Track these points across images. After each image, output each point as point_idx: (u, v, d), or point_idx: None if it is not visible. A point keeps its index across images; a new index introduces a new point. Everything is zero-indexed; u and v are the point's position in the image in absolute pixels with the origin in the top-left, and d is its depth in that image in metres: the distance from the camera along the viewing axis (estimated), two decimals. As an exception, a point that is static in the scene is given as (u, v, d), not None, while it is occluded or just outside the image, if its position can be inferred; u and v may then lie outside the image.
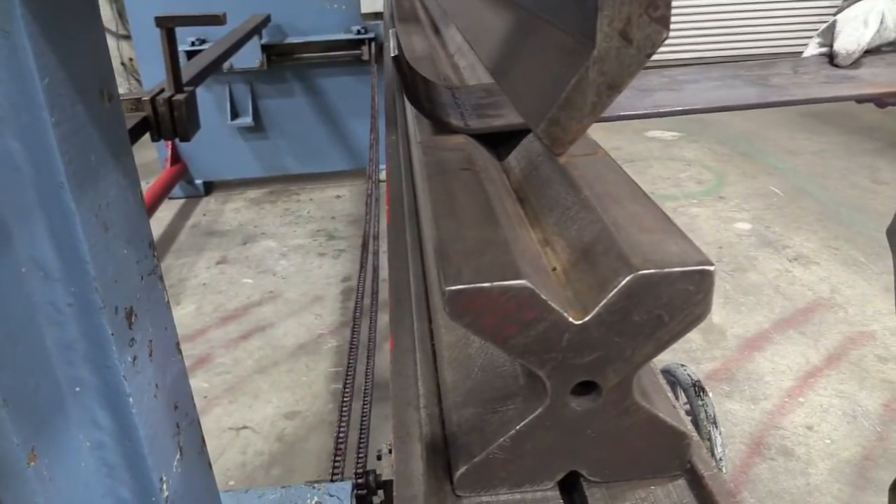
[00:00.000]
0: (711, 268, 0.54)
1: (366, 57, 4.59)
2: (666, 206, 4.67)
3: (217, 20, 2.26)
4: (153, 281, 0.60)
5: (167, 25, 2.23)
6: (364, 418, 1.65)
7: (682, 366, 1.47)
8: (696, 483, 0.62)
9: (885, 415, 2.80)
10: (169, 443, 0.61)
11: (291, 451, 2.83)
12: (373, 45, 4.55)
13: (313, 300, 3.85)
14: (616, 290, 0.54)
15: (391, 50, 0.88)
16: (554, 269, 0.63)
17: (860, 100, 1.17)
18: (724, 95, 1.08)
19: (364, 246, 2.63)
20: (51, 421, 0.50)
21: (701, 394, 1.35)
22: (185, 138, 2.38)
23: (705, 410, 1.32)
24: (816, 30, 1.27)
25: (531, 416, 0.59)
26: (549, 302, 0.54)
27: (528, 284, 0.53)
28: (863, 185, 4.80)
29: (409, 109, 1.14)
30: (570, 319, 0.54)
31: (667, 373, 1.52)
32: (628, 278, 0.53)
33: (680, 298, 0.54)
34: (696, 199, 4.75)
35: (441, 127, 0.89)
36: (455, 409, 0.67)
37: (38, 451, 0.48)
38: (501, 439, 0.59)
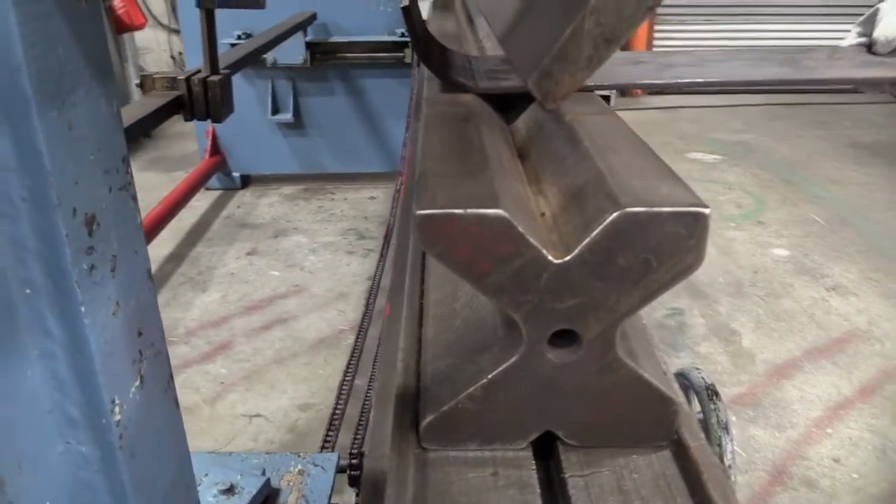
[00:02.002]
0: (706, 210, 0.50)
1: (408, 60, 4.60)
2: (702, 227, 4.59)
3: (257, 4, 2.28)
4: (124, 197, 0.58)
5: (208, 6, 2.25)
6: (367, 402, 1.62)
7: (697, 369, 1.42)
8: (682, 454, 0.57)
9: (918, 453, 2.67)
10: (127, 367, 0.59)
11: (302, 443, 2.80)
12: (416, 48, 4.56)
13: (338, 296, 3.84)
14: (601, 227, 0.50)
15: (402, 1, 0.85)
16: (543, 214, 0.59)
17: (893, 84, 1.11)
18: (750, 72, 1.03)
19: (387, 237, 2.61)
20: (-6, 317, 0.48)
21: (714, 398, 1.29)
22: (217, 119, 2.39)
23: (717, 415, 1.26)
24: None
25: (505, 365, 0.55)
26: (527, 236, 0.50)
27: (505, 214, 0.49)
28: (909, 220, 4.63)
29: (427, 79, 1.11)
30: (550, 258, 0.51)
31: (680, 376, 1.46)
32: (614, 215, 0.49)
33: (670, 242, 0.50)
34: (735, 223, 4.64)
35: (450, 86, 0.86)
36: (431, 362, 0.64)
37: (-25, 344, 0.46)
38: (472, 388, 0.56)
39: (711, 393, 1.31)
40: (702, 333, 3.48)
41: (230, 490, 0.87)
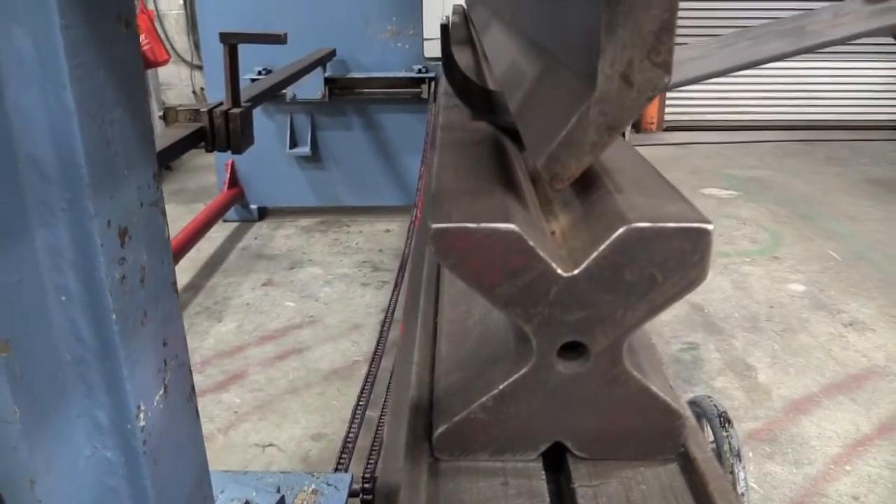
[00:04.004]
0: (709, 226, 0.52)
1: (425, 95, 4.68)
2: (717, 262, 4.57)
3: (278, 39, 2.35)
4: (154, 212, 0.61)
5: (230, 42, 2.33)
6: (379, 430, 1.63)
7: (709, 397, 1.41)
8: (689, 467, 0.58)
9: (939, 492, 2.62)
10: (153, 375, 0.61)
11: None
12: (433, 83, 4.64)
13: (352, 328, 3.86)
14: (608, 242, 0.52)
15: (442, 19, 0.89)
16: (553, 232, 0.61)
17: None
18: (755, 52, 1.04)
19: (401, 268, 2.64)
20: (30, 320, 0.51)
21: (726, 425, 1.29)
22: (238, 151, 2.45)
23: (729, 442, 1.26)
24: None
25: (515, 376, 0.56)
26: (537, 250, 0.52)
27: (516, 229, 0.52)
28: (928, 257, 4.60)
29: (444, 108, 1.15)
30: (559, 271, 0.53)
31: (693, 404, 1.46)
32: (621, 230, 0.52)
33: (675, 258, 0.52)
34: (750, 258, 4.63)
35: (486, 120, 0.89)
36: (444, 376, 0.65)
37: (14, 346, 0.49)
38: (484, 399, 0.57)
39: (724, 420, 1.31)
40: (717, 368, 3.46)
41: (246, 506, 0.88)
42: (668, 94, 7.41)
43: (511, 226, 0.52)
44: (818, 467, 2.77)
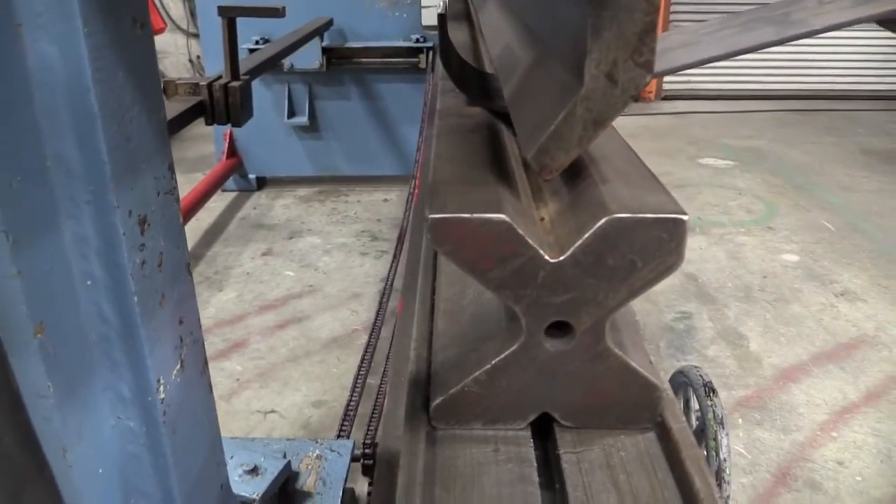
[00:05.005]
0: (685, 217, 0.56)
1: (423, 65, 4.68)
2: (712, 232, 4.62)
3: (276, 13, 2.36)
4: (169, 200, 0.65)
5: (229, 15, 2.34)
6: (378, 398, 1.69)
7: (696, 367, 1.47)
8: (665, 436, 0.64)
9: (922, 457, 2.70)
10: (170, 352, 0.66)
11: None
12: (430, 53, 4.63)
13: (351, 297, 3.91)
14: (591, 231, 0.56)
15: (439, 8, 0.92)
16: (542, 219, 0.66)
17: (882, 19, 1.13)
18: (740, 40, 1.06)
19: (399, 239, 2.68)
20: (61, 304, 0.56)
21: (711, 394, 1.35)
22: (237, 124, 2.47)
23: (713, 411, 1.32)
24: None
25: (506, 352, 0.61)
26: (527, 238, 0.57)
27: (507, 219, 0.56)
28: (921, 227, 4.65)
29: (441, 92, 1.18)
30: (546, 257, 0.57)
31: (680, 373, 1.52)
32: (603, 220, 0.56)
33: (653, 245, 0.57)
34: (745, 228, 4.68)
35: (479, 104, 0.93)
36: (441, 351, 0.70)
37: (46, 327, 0.53)
38: (477, 373, 0.62)
39: (709, 390, 1.37)
40: (710, 337, 3.52)
41: (254, 471, 0.94)
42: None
43: (502, 216, 0.56)
44: (805, 434, 2.85)
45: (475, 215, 0.56)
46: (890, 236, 4.53)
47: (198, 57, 6.97)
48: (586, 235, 0.57)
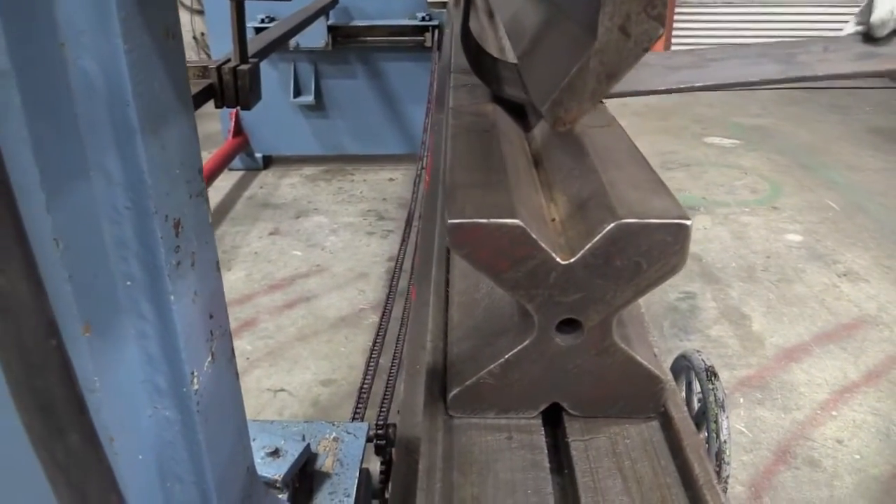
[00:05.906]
0: (688, 222, 0.60)
1: (429, 44, 4.67)
2: (716, 212, 4.64)
3: (285, -4, 2.36)
4: (199, 202, 0.69)
5: (238, -2, 2.35)
6: (390, 378, 1.73)
7: (698, 352, 1.52)
8: (667, 425, 0.68)
9: (920, 435, 2.75)
10: (202, 345, 0.70)
11: (325, 416, 2.93)
12: (436, 32, 4.63)
13: (358, 276, 3.96)
14: (600, 235, 0.60)
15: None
16: (553, 219, 0.69)
17: (884, 75, 1.16)
18: (747, 72, 1.10)
19: (408, 221, 2.72)
20: (104, 304, 0.59)
21: (712, 378, 1.39)
22: (247, 107, 2.50)
23: (715, 394, 1.36)
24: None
25: (519, 347, 0.65)
26: (540, 241, 0.60)
27: (521, 224, 0.60)
28: (925, 207, 4.66)
29: (453, 88, 1.21)
30: (558, 259, 0.61)
31: (682, 357, 1.57)
32: (611, 225, 0.60)
33: (658, 248, 0.60)
34: (749, 208, 4.69)
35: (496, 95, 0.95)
36: (456, 343, 0.74)
37: (92, 326, 0.57)
38: (491, 366, 0.66)
39: (710, 374, 1.41)
40: (713, 317, 3.56)
41: (276, 453, 0.98)
42: (673, 42, 7.36)
43: (517, 221, 0.60)
44: (805, 412, 2.90)
45: (491, 220, 0.60)
46: (894, 216, 4.55)
47: (202, 34, 6.95)
48: (595, 239, 0.60)
